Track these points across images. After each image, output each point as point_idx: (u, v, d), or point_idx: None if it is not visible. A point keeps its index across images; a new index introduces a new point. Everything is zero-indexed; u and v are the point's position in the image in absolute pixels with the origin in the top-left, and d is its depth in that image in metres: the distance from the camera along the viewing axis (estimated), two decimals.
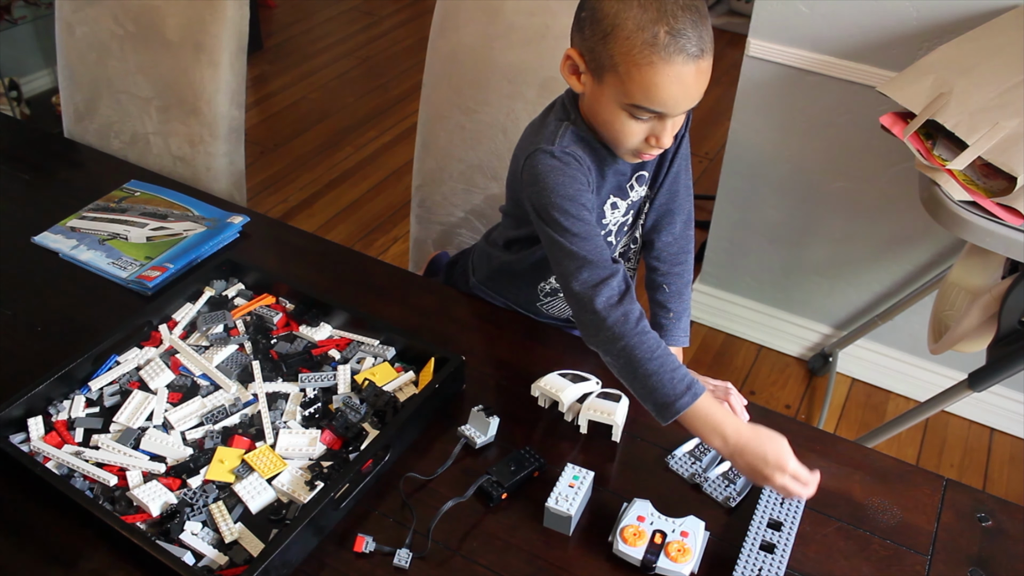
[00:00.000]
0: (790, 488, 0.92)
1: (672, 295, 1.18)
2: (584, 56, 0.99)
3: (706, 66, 0.96)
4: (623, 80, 0.96)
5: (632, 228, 1.22)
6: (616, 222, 1.16)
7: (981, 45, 1.47)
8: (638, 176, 1.15)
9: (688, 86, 0.96)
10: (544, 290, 1.26)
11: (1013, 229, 1.24)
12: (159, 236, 1.39)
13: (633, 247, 1.25)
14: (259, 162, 3.00)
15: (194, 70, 1.61)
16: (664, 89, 0.95)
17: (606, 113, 1.01)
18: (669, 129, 1.00)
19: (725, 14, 4.01)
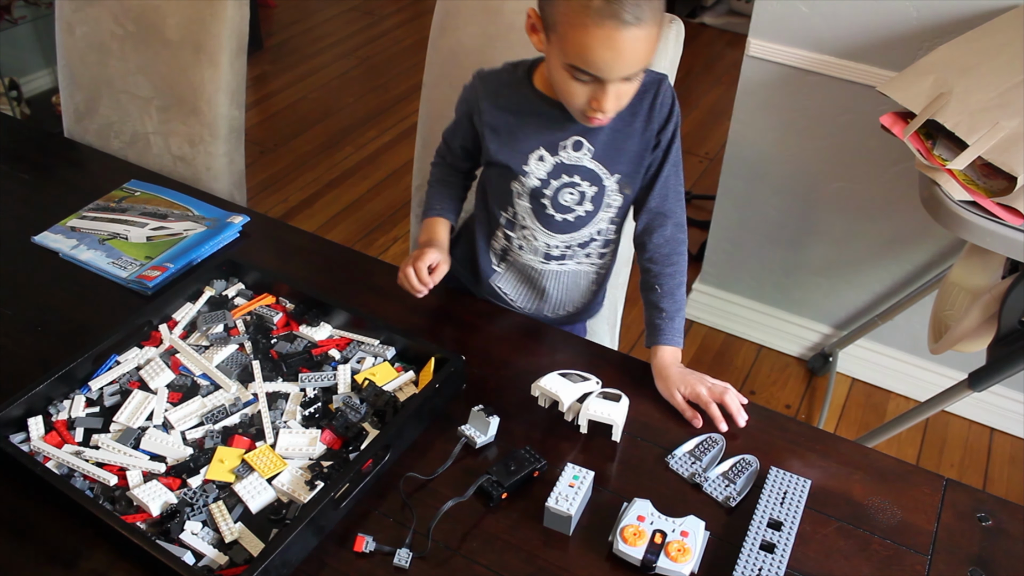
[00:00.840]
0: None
1: (664, 295, 1.19)
2: (540, 14, 1.03)
3: (642, 35, 0.97)
4: (562, 40, 1.00)
5: (592, 218, 1.21)
6: (543, 179, 1.17)
7: (981, 45, 1.47)
8: (576, 141, 1.15)
9: (620, 52, 0.98)
10: (496, 250, 1.28)
11: (1013, 229, 1.24)
12: (159, 236, 1.39)
13: (597, 238, 1.24)
14: (259, 162, 3.01)
15: (194, 70, 1.61)
16: (595, 52, 0.98)
17: (554, 71, 1.05)
18: (611, 95, 1.02)
19: (725, 14, 4.02)
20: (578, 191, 1.18)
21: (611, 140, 1.16)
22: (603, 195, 1.19)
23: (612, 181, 1.18)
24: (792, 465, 1.04)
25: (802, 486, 1.00)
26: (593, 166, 1.17)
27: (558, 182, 1.17)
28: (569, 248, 1.24)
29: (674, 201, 1.21)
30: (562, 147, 1.16)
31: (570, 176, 1.17)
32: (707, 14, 4.00)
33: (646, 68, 1.03)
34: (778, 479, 1.00)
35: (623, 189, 1.19)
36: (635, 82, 1.04)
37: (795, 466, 1.04)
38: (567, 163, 1.16)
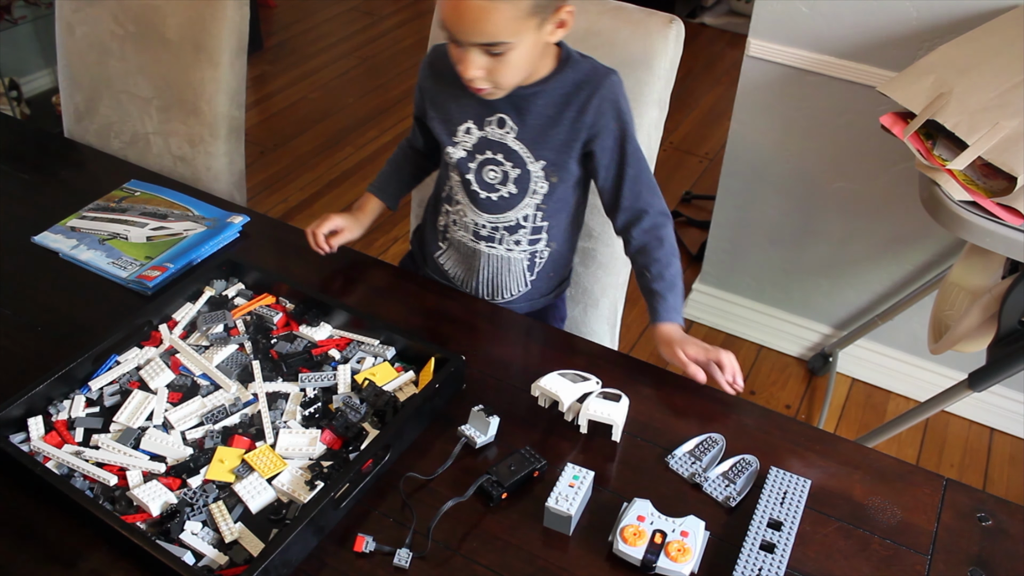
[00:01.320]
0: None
1: (654, 278, 1.20)
2: None
3: (485, 4, 1.00)
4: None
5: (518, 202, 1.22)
6: (469, 151, 1.21)
7: (981, 45, 1.47)
8: (500, 119, 1.18)
9: (460, 14, 1.03)
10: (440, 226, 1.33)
11: (1013, 229, 1.24)
12: (159, 236, 1.39)
13: (525, 224, 1.25)
14: (259, 162, 3.01)
15: (194, 70, 1.61)
16: (444, 9, 1.04)
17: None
18: (471, 62, 1.06)
19: (725, 14, 4.02)
20: (501, 170, 1.20)
21: (538, 124, 1.17)
22: (528, 179, 1.20)
23: (537, 166, 1.19)
24: (792, 465, 1.04)
25: (802, 486, 1.00)
26: (517, 147, 1.19)
27: (482, 156, 1.20)
28: (496, 231, 1.26)
29: (648, 195, 1.22)
30: (488, 122, 1.19)
31: (494, 153, 1.20)
32: (707, 14, 4.00)
33: (506, 41, 1.04)
34: (778, 479, 1.00)
35: (549, 176, 1.20)
36: (506, 56, 1.06)
37: (795, 466, 1.04)
38: (491, 139, 1.19)
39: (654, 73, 1.30)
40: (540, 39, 1.09)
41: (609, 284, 1.46)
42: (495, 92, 1.12)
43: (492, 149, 1.20)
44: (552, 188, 1.22)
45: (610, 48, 1.31)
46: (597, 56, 1.32)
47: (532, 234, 1.27)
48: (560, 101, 1.16)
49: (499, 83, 1.10)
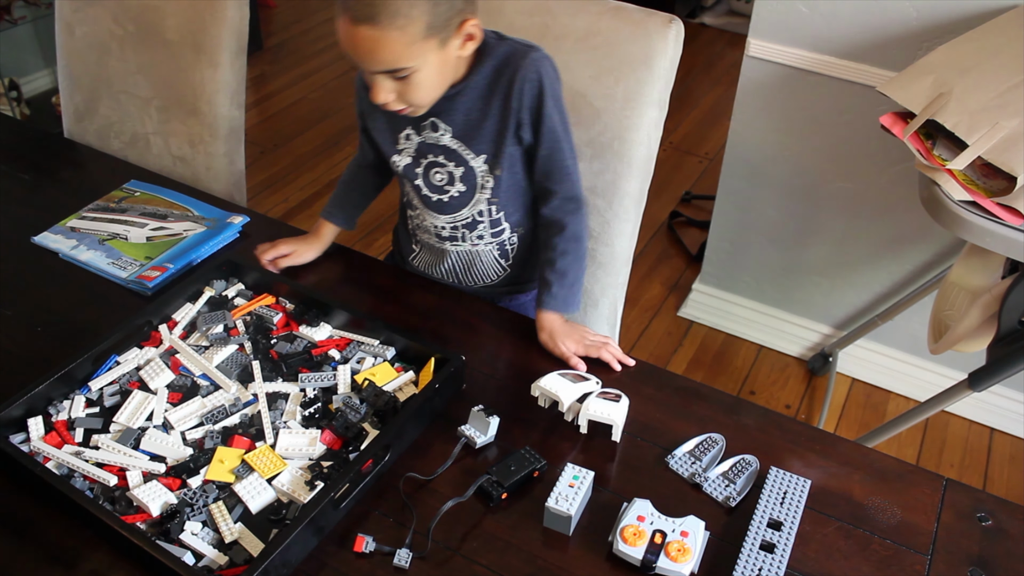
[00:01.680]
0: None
1: (547, 262, 1.21)
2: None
3: (377, 35, 1.00)
4: None
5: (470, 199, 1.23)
6: (413, 157, 1.22)
7: (981, 45, 1.47)
8: (432, 122, 1.18)
9: (356, 46, 1.02)
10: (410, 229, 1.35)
11: (1013, 229, 1.24)
12: (159, 236, 1.39)
13: (482, 219, 1.26)
14: (259, 162, 3.01)
15: (194, 70, 1.61)
16: (341, 41, 1.03)
17: None
18: (379, 88, 1.06)
19: (725, 14, 4.02)
20: (446, 171, 1.20)
21: (468, 120, 1.16)
22: (473, 176, 1.20)
23: (479, 161, 1.19)
24: (792, 465, 1.04)
25: (802, 486, 1.00)
26: (455, 146, 1.19)
27: (426, 161, 1.21)
28: (456, 230, 1.27)
29: (558, 178, 1.20)
30: (423, 127, 1.19)
31: (435, 156, 1.20)
32: (707, 14, 4.00)
33: (406, 66, 1.03)
34: (778, 479, 1.00)
35: (493, 170, 1.20)
36: (412, 79, 1.05)
37: (795, 466, 1.04)
38: (428, 143, 1.20)
39: (654, 73, 1.30)
40: (446, 56, 1.08)
41: (609, 284, 1.46)
42: (416, 110, 1.12)
43: (433, 152, 1.20)
44: (499, 181, 1.21)
45: (610, 48, 1.31)
46: (597, 56, 1.32)
47: (492, 227, 1.27)
48: (484, 93, 1.15)
49: (413, 103, 1.10)
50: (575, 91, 1.35)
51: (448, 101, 1.15)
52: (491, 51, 1.15)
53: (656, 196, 2.80)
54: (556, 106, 1.16)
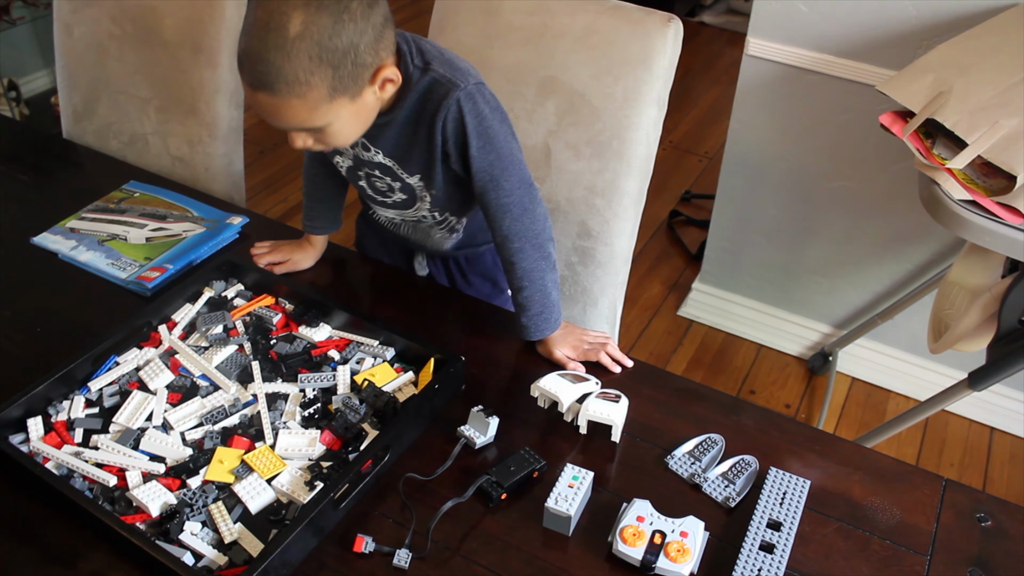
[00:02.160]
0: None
1: (514, 291, 1.18)
2: None
3: (277, 102, 0.96)
4: None
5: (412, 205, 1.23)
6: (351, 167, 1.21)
7: (980, 44, 1.47)
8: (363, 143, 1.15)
9: (261, 107, 0.98)
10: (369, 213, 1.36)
11: (1013, 228, 1.23)
12: (158, 237, 1.39)
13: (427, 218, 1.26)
14: (258, 162, 3.00)
15: (193, 70, 1.61)
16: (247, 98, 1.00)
17: None
18: (292, 138, 1.03)
19: (724, 13, 4.01)
20: (384, 181, 1.20)
21: (398, 144, 1.14)
22: (412, 190, 1.20)
23: (414, 179, 1.17)
24: (792, 465, 1.04)
25: (802, 486, 1.00)
26: (390, 164, 1.16)
27: (362, 171, 1.20)
28: (405, 221, 1.30)
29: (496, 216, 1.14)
30: (355, 144, 1.16)
31: (371, 170, 1.19)
32: (706, 13, 4.00)
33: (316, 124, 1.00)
34: (778, 479, 1.00)
35: (428, 189, 1.18)
36: (327, 130, 1.01)
37: (795, 466, 1.04)
38: (362, 159, 1.18)
39: (653, 72, 1.30)
40: (362, 105, 1.02)
41: (608, 283, 1.46)
42: (341, 147, 1.12)
43: (369, 167, 1.18)
44: (436, 195, 1.20)
45: (609, 47, 1.31)
46: (596, 55, 1.32)
47: (439, 224, 1.29)
48: (410, 124, 1.11)
49: (332, 146, 1.06)
50: (574, 90, 1.35)
51: (376, 129, 1.11)
52: (415, 86, 1.08)
53: (656, 195, 2.80)
54: (487, 145, 1.10)
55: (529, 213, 1.14)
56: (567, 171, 1.40)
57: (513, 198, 1.13)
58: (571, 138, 1.38)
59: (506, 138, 1.12)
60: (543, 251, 1.15)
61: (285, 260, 1.33)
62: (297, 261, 1.33)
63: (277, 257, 1.33)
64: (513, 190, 1.12)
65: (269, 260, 1.33)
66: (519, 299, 1.17)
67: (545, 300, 1.16)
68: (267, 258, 1.33)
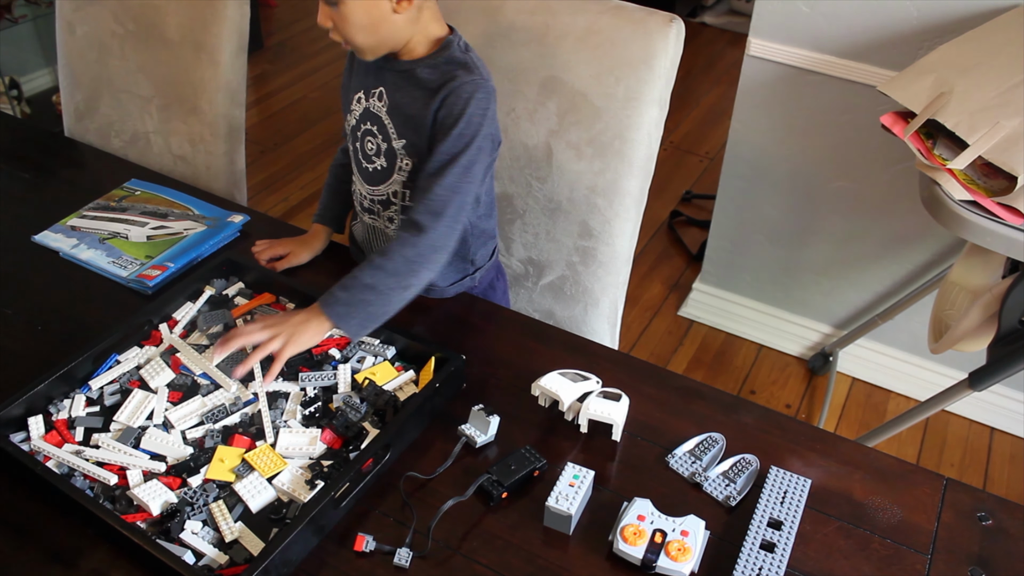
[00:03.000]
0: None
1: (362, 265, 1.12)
2: None
3: None
4: None
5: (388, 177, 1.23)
6: (358, 119, 1.24)
7: (981, 45, 1.47)
8: (380, 92, 1.20)
9: None
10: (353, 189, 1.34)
11: (1013, 228, 1.24)
12: (159, 235, 1.39)
13: (395, 202, 1.25)
14: (259, 161, 3.01)
15: (194, 69, 1.61)
16: None
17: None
18: (321, 13, 1.14)
19: (725, 13, 4.01)
20: (375, 142, 1.22)
21: (404, 103, 1.17)
22: (394, 155, 1.21)
23: (399, 144, 1.20)
24: (792, 465, 1.04)
25: (802, 486, 1.00)
26: (387, 121, 1.20)
27: (364, 127, 1.23)
28: (374, 203, 1.28)
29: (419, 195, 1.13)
30: (372, 94, 1.21)
31: (371, 125, 1.22)
32: (707, 13, 4.00)
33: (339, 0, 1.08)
34: (778, 479, 1.00)
35: (409, 156, 1.20)
36: (341, 10, 1.10)
37: (795, 466, 1.04)
38: (371, 111, 1.21)
39: (654, 72, 1.30)
40: (375, 4, 1.09)
41: (609, 283, 1.46)
42: (358, 52, 1.15)
43: (371, 121, 1.22)
44: (414, 168, 1.20)
45: (610, 47, 1.31)
46: (597, 55, 1.32)
47: (403, 213, 1.26)
48: (426, 87, 1.15)
49: (346, 37, 1.13)
50: (576, 90, 1.35)
51: (397, 76, 1.17)
52: (450, 56, 1.15)
53: (657, 195, 2.80)
54: (462, 134, 1.12)
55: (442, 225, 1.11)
56: (569, 171, 1.40)
57: (443, 198, 1.11)
58: (572, 138, 1.38)
59: (479, 150, 1.13)
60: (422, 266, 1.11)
61: (286, 254, 1.34)
62: (297, 255, 1.35)
63: (279, 251, 1.34)
64: (447, 193, 1.11)
65: (271, 255, 1.33)
66: (367, 278, 1.10)
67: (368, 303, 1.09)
68: (268, 253, 1.33)
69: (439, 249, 1.12)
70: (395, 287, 1.10)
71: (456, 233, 1.14)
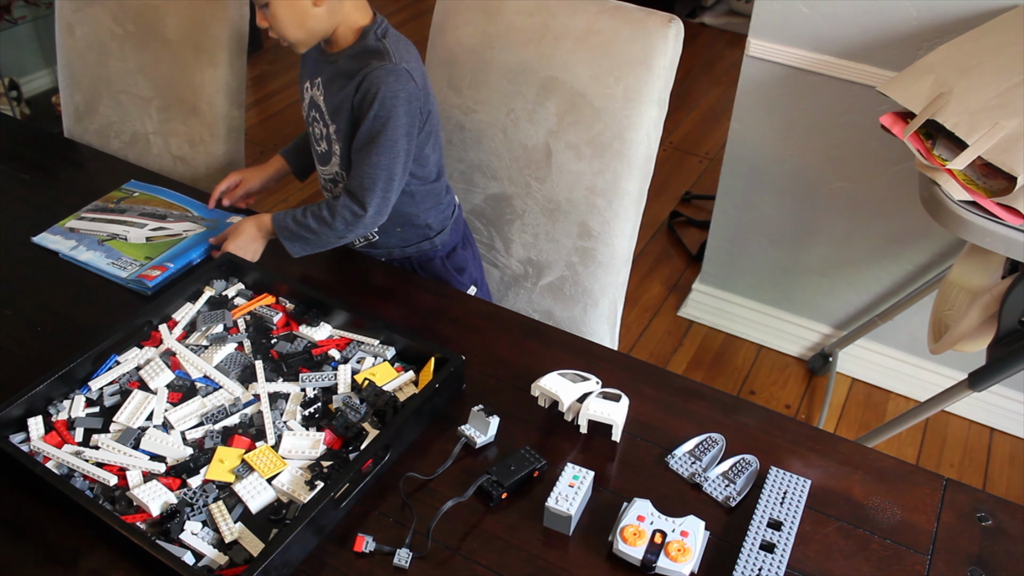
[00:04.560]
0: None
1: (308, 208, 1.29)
2: None
3: None
4: None
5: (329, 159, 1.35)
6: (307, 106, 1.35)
7: (981, 45, 1.47)
8: (319, 82, 1.31)
9: None
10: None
11: (1013, 229, 1.24)
12: (158, 236, 1.39)
13: (339, 182, 1.36)
14: (259, 162, 2.99)
15: (194, 70, 1.61)
16: None
17: None
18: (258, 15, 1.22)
19: (725, 14, 4.02)
20: (319, 128, 1.34)
21: (333, 92, 1.28)
22: (331, 140, 1.32)
23: (331, 129, 1.31)
24: (792, 465, 1.04)
25: (802, 486, 1.00)
26: (325, 108, 1.31)
27: (312, 113, 1.34)
28: (326, 181, 1.40)
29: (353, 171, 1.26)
30: (314, 84, 1.32)
31: (315, 111, 1.33)
32: (707, 14, 4.00)
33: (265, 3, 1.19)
34: (778, 479, 1.00)
35: (339, 140, 1.31)
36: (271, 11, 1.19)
37: (795, 466, 1.04)
38: (314, 100, 1.33)
39: (653, 73, 1.30)
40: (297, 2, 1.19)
41: (609, 284, 1.46)
42: (292, 46, 1.25)
43: (314, 108, 1.33)
44: (343, 151, 1.31)
45: (609, 47, 1.31)
46: (596, 56, 1.32)
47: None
48: (344, 75, 1.26)
49: (279, 33, 1.23)
50: (575, 91, 1.35)
51: (329, 66, 1.29)
52: (366, 45, 1.25)
53: (656, 196, 2.80)
54: (377, 116, 1.22)
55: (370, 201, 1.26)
56: (568, 171, 1.40)
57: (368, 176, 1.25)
58: (572, 138, 1.38)
59: (397, 128, 1.23)
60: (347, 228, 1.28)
61: (237, 183, 1.44)
62: (248, 181, 1.45)
63: (231, 181, 1.43)
64: (373, 171, 1.24)
65: (223, 188, 1.43)
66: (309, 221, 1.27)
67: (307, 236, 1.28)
68: (220, 187, 1.43)
69: (374, 216, 1.27)
70: (332, 239, 1.30)
71: (390, 201, 1.28)
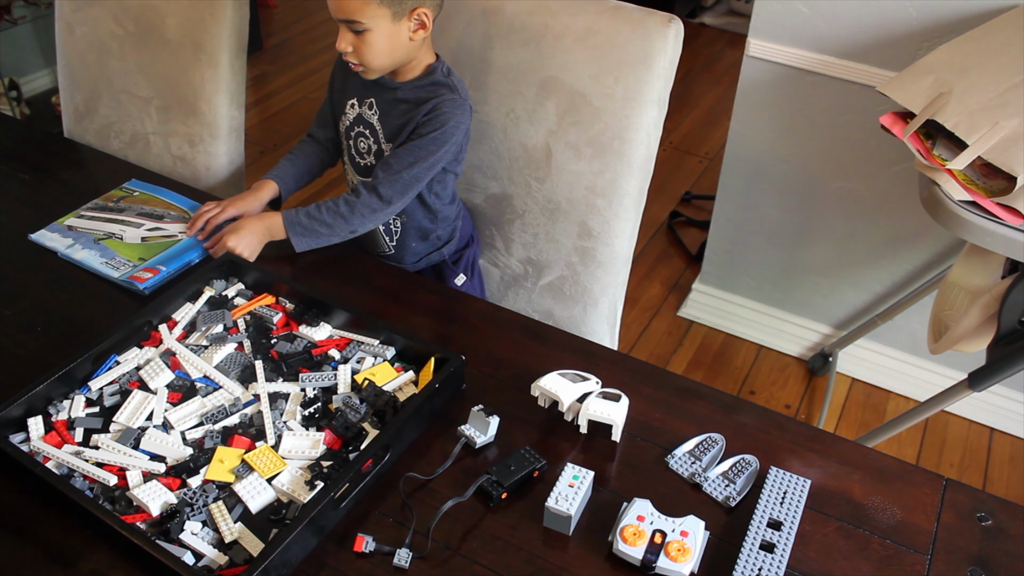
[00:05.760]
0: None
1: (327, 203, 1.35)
2: None
3: None
4: None
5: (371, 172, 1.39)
6: (351, 122, 1.41)
7: (981, 45, 1.47)
8: (370, 102, 1.37)
9: None
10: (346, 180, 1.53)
11: (1013, 229, 1.24)
12: (154, 237, 1.39)
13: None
14: (259, 162, 3.00)
15: (194, 70, 1.61)
16: None
17: None
18: (342, 38, 1.26)
19: (725, 14, 4.02)
20: (367, 143, 1.39)
21: (394, 113, 1.34)
22: (382, 154, 1.37)
23: (388, 147, 1.36)
24: (792, 465, 1.04)
25: (802, 486, 1.00)
26: (379, 127, 1.37)
27: (357, 129, 1.40)
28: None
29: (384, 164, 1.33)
30: (364, 103, 1.38)
31: (365, 128, 1.39)
32: (707, 14, 4.00)
33: (361, 21, 1.22)
34: (778, 479, 1.00)
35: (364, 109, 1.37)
36: (365, 37, 1.24)
37: (795, 466, 1.04)
38: (364, 117, 1.39)
39: (653, 73, 1.30)
40: (397, 31, 1.25)
41: (609, 284, 1.46)
42: (367, 72, 1.30)
43: (363, 125, 1.39)
44: None
45: (609, 47, 1.31)
46: (596, 56, 1.32)
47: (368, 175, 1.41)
48: (409, 101, 1.33)
49: (364, 61, 1.27)
50: (575, 90, 1.35)
51: (388, 91, 1.35)
52: (435, 79, 1.33)
53: (656, 196, 2.80)
54: (436, 139, 1.30)
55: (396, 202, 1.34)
56: (568, 171, 1.40)
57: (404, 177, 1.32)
58: (572, 138, 1.38)
59: (445, 152, 1.33)
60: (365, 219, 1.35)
61: (239, 215, 1.40)
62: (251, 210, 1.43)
63: (232, 213, 1.40)
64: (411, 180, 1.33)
65: (224, 219, 1.38)
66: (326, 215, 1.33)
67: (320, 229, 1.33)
68: (221, 217, 1.38)
69: (390, 215, 1.37)
70: (345, 232, 1.35)
71: (406, 203, 1.37)
